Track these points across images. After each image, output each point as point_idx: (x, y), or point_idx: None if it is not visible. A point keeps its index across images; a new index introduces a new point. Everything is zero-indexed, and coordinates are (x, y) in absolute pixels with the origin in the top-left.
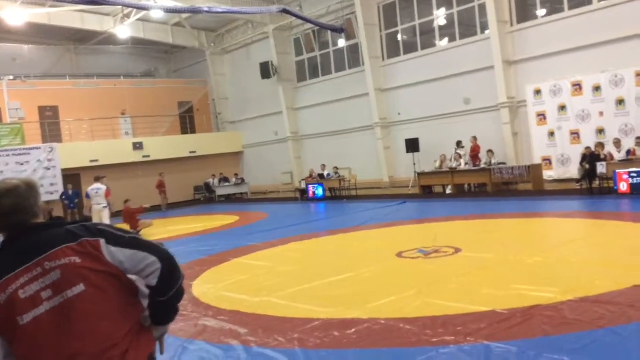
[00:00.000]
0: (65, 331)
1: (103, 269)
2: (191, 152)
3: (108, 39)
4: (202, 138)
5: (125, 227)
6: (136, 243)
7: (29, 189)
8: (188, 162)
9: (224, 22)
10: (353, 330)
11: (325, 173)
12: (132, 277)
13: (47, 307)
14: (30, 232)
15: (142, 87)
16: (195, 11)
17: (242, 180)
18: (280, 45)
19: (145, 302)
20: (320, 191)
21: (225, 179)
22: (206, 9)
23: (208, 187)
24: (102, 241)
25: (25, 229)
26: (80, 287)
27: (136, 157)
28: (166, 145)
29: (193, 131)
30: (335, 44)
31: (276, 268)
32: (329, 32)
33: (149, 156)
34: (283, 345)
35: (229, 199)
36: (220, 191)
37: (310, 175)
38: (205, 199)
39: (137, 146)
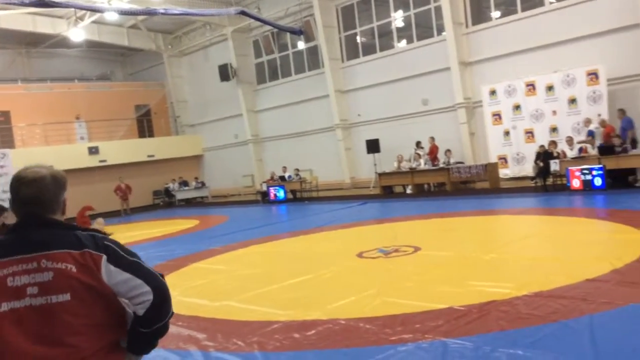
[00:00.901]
0: (35, 333)
1: (95, 285)
2: (149, 156)
3: (61, 42)
4: (160, 142)
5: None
6: (135, 268)
7: (53, 182)
8: (146, 166)
9: (181, 24)
10: (313, 331)
11: (287, 175)
12: (124, 300)
13: (27, 303)
14: (40, 225)
15: (98, 90)
16: (150, 13)
17: (202, 183)
18: (239, 47)
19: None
20: (281, 193)
21: (185, 183)
22: (162, 11)
23: (167, 192)
24: (104, 257)
25: (37, 221)
26: (66, 296)
27: (92, 162)
28: (123, 149)
29: (151, 135)
30: (294, 46)
31: (236, 272)
32: (288, 34)
33: (105, 161)
34: (242, 349)
35: (189, 203)
36: (180, 195)
37: (272, 178)
38: (164, 203)
39: (93, 151)
